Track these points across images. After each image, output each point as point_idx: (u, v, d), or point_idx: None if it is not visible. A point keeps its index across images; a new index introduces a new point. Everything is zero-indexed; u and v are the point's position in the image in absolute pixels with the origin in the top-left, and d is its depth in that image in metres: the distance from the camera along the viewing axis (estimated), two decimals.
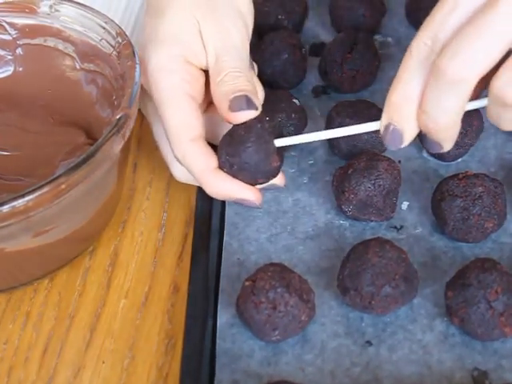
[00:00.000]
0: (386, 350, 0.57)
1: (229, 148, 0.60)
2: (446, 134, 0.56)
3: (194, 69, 0.63)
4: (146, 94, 0.65)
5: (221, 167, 0.61)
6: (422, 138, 0.63)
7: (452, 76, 0.52)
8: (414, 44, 0.55)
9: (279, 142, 0.60)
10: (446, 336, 0.57)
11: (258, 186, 0.62)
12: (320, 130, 0.71)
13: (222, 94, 0.60)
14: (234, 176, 0.60)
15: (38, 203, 0.55)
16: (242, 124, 0.60)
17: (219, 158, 0.61)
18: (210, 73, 0.62)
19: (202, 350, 0.56)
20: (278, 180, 0.63)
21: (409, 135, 0.56)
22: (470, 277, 0.56)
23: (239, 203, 0.62)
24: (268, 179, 0.61)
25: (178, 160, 0.62)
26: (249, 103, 0.60)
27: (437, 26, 0.53)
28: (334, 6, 0.80)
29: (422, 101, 0.54)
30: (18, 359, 0.59)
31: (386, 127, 0.57)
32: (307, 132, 0.71)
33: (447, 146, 0.57)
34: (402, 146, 0.57)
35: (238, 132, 0.59)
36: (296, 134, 0.69)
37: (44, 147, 0.67)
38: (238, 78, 0.61)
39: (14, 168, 0.66)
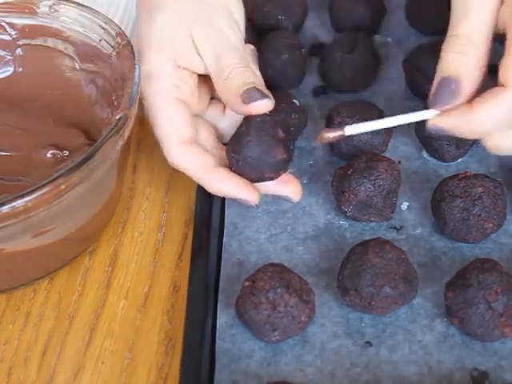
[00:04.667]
0: (385, 350, 0.57)
1: (233, 145, 0.61)
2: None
3: (184, 72, 0.64)
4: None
5: (230, 167, 0.62)
6: (421, 139, 0.63)
7: None
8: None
9: (349, 130, 0.60)
10: (446, 336, 0.57)
11: (270, 192, 0.63)
12: (320, 130, 0.71)
13: (231, 90, 0.61)
14: (242, 173, 0.61)
15: (38, 204, 0.55)
16: (244, 121, 0.61)
17: (228, 158, 0.62)
18: (213, 73, 0.63)
19: (202, 350, 0.56)
20: (294, 194, 0.63)
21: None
22: (470, 277, 0.56)
23: (238, 201, 0.62)
24: (276, 173, 0.61)
25: (172, 165, 0.63)
26: (261, 94, 0.60)
27: None
28: (334, 7, 0.80)
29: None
30: (17, 359, 0.59)
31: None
32: (308, 132, 0.71)
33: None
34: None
35: (240, 129, 0.61)
36: (298, 134, 0.69)
37: (44, 148, 0.67)
38: (244, 73, 0.61)
39: (14, 168, 0.66)
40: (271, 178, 0.61)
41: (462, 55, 0.58)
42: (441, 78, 0.58)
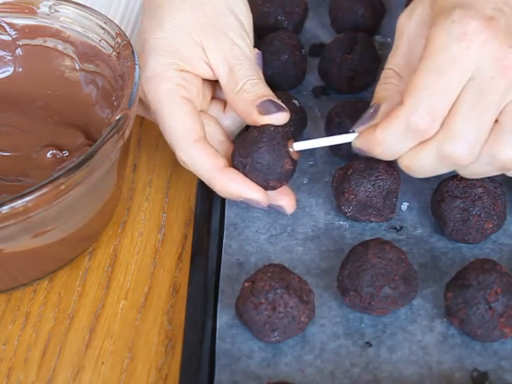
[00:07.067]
0: (385, 350, 0.57)
1: (241, 149, 0.61)
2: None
3: (188, 75, 0.64)
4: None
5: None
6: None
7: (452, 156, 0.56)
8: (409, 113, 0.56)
9: (298, 146, 0.61)
10: (446, 337, 0.57)
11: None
12: (320, 130, 0.71)
13: (246, 102, 0.61)
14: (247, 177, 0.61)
15: (38, 204, 0.55)
16: (255, 127, 0.61)
17: (233, 161, 0.61)
18: (224, 83, 0.63)
19: (202, 351, 0.56)
20: (288, 206, 0.63)
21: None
22: (470, 278, 0.56)
23: (246, 203, 0.62)
24: (280, 183, 0.61)
25: (183, 164, 0.62)
26: (277, 106, 0.61)
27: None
28: (334, 7, 0.80)
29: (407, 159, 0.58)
30: (17, 360, 0.59)
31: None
32: (308, 132, 0.71)
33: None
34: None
35: (251, 134, 0.61)
36: (298, 135, 0.69)
37: (43, 148, 0.67)
38: (258, 85, 0.62)
39: (13, 169, 0.66)
40: (273, 187, 0.61)
41: (388, 85, 0.60)
42: (370, 106, 0.60)
